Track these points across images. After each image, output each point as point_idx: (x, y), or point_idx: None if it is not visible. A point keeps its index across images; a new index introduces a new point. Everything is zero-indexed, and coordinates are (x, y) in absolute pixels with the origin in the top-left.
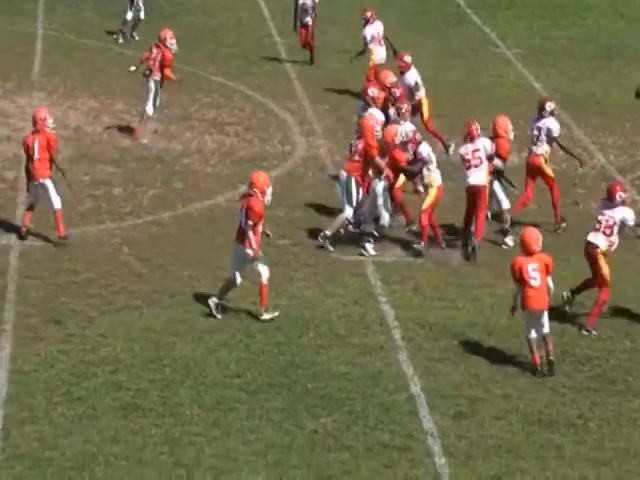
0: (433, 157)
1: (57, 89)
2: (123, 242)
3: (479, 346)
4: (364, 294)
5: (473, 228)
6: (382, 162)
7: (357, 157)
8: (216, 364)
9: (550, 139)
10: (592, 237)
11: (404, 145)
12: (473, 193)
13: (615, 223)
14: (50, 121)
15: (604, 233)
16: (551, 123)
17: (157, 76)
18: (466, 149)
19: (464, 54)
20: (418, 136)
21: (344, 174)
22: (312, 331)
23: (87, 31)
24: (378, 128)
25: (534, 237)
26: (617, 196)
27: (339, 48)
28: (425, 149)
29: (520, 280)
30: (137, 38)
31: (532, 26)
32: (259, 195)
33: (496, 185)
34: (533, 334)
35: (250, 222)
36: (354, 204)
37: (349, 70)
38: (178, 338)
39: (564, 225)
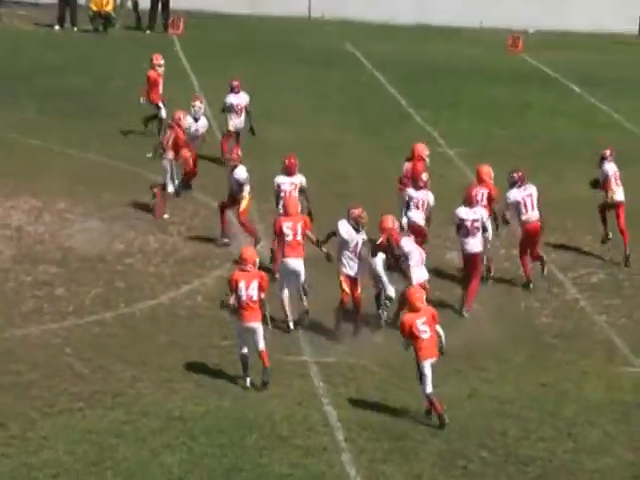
0: (414, 253)
1: None
2: (65, 342)
3: (422, 446)
4: (307, 395)
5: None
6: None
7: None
8: (159, 467)
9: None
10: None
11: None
12: (471, 260)
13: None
14: None
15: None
16: (533, 188)
17: (170, 155)
18: (466, 215)
19: (406, 153)
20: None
21: (375, 260)
22: (255, 432)
23: (29, 130)
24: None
25: (418, 295)
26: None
27: (281, 146)
28: (406, 244)
29: (411, 336)
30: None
31: (474, 125)
32: (253, 267)
33: None
34: (430, 389)
35: (263, 294)
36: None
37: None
38: (121, 440)
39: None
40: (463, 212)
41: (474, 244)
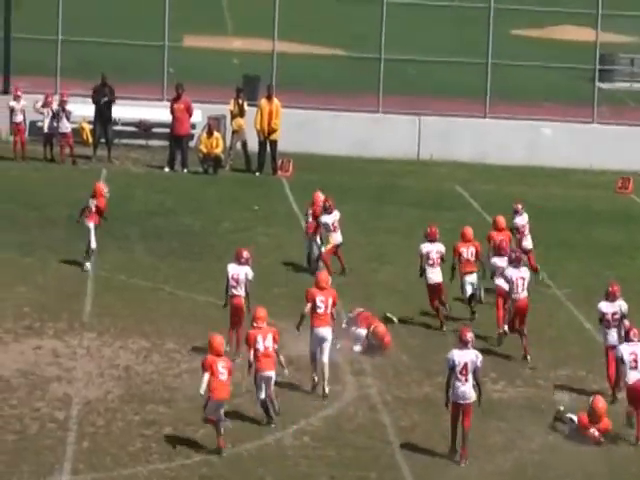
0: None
1: (108, 329)
2: None
3: None
4: None
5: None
6: None
7: None
8: None
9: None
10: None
11: None
12: (611, 351)
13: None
14: None
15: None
16: (527, 272)
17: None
18: (606, 309)
19: None
20: None
21: None
22: None
23: (138, 271)
24: None
25: (219, 341)
26: None
27: (391, 287)
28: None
29: (211, 372)
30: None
31: (582, 266)
32: (265, 325)
33: None
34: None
35: (276, 346)
36: None
37: (397, 308)
38: None
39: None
40: (604, 306)
41: (613, 336)
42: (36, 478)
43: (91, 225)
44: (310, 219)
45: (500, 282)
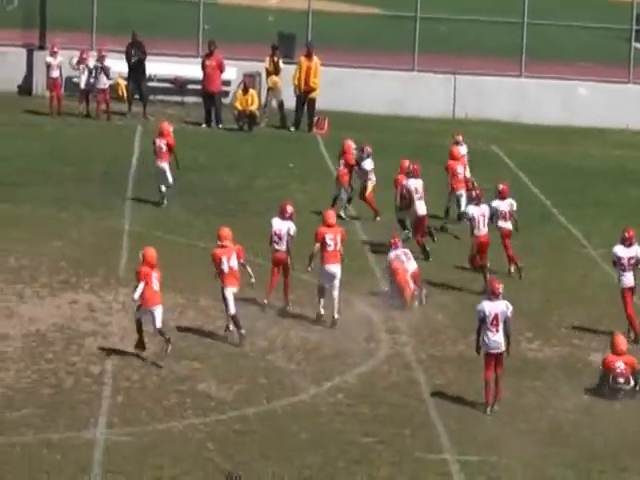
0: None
1: None
2: (207, 438)
3: None
4: None
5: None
6: None
7: None
8: None
9: None
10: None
11: None
12: (629, 292)
13: None
14: None
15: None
16: (486, 208)
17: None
18: (623, 253)
19: (549, 253)
20: None
21: None
22: None
23: (173, 227)
24: None
25: (152, 253)
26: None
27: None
28: None
29: (145, 282)
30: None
31: (618, 226)
32: (230, 243)
33: None
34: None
35: (242, 260)
36: None
37: (430, 266)
38: None
39: None
40: (620, 251)
41: (629, 278)
42: (71, 432)
43: (165, 165)
44: (342, 167)
45: (501, 224)
